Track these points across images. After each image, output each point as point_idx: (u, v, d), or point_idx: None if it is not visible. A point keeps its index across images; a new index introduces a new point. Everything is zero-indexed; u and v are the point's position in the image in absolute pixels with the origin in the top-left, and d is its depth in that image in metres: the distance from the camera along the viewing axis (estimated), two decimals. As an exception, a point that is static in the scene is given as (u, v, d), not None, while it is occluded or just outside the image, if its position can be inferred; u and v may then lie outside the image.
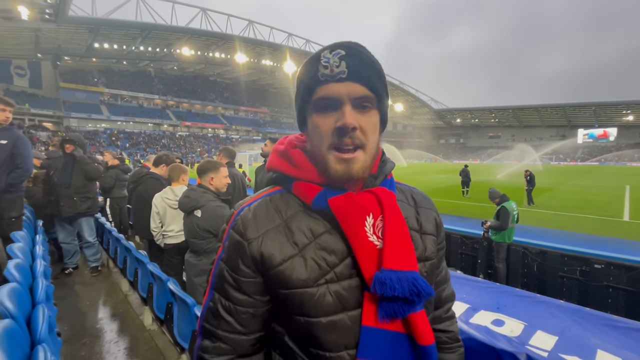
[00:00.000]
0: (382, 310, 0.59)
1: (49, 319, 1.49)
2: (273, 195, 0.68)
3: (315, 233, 0.62)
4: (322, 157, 0.61)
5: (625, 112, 55.13)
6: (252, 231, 0.62)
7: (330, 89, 0.58)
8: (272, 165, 0.71)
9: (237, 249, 0.62)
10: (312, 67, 0.60)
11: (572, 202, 12.51)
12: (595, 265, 3.92)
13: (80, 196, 4.11)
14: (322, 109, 0.60)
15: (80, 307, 3.41)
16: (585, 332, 2.24)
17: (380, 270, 0.58)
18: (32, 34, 30.42)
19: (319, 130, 0.60)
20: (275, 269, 0.60)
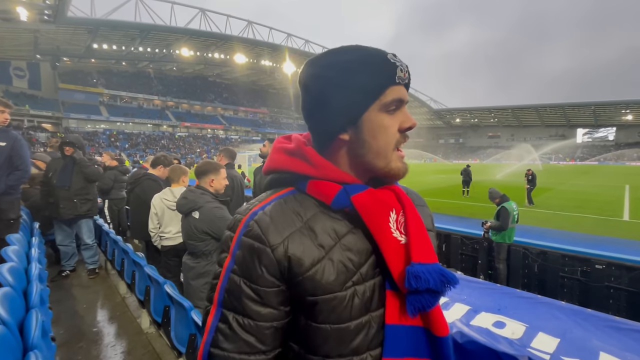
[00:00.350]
0: (410, 305, 0.58)
1: (42, 324, 1.46)
2: (287, 197, 0.63)
3: (340, 233, 0.60)
4: (386, 157, 0.61)
5: (625, 112, 55.22)
6: (274, 235, 0.57)
7: (402, 92, 0.61)
8: (280, 165, 0.66)
9: (258, 255, 0.57)
10: (389, 68, 0.59)
11: (572, 201, 12.51)
12: (596, 265, 3.90)
13: (80, 198, 4.10)
14: (390, 110, 0.60)
15: (77, 310, 3.37)
16: (587, 334, 2.22)
17: (410, 265, 0.58)
18: (31, 35, 30.40)
19: (388, 131, 0.60)
20: (305, 275, 0.57)
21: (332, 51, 0.62)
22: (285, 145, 0.67)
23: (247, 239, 0.58)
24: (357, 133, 0.61)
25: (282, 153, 0.67)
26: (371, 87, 0.59)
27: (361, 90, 0.59)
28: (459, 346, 1.91)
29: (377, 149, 0.61)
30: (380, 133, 0.60)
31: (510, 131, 70.84)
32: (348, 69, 0.59)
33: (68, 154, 4.08)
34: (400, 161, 0.62)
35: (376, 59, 0.60)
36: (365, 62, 0.59)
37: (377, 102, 0.59)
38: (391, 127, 0.60)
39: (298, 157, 0.64)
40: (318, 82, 0.62)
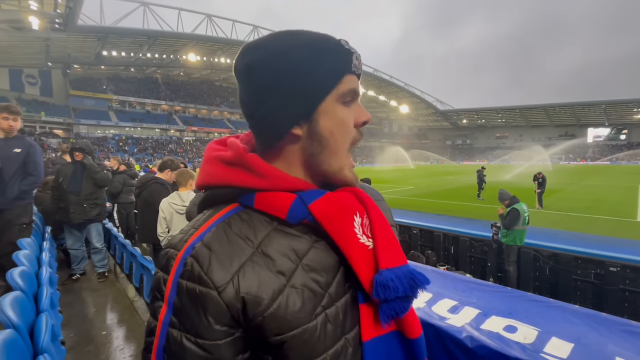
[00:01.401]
0: (382, 314, 0.52)
1: (52, 328, 1.48)
2: (230, 218, 0.52)
3: (300, 253, 0.51)
4: (339, 157, 0.54)
5: (637, 110, 54.10)
6: (219, 273, 0.46)
7: (356, 82, 0.55)
8: (218, 179, 0.54)
9: (202, 303, 0.46)
10: (343, 55, 0.53)
11: (584, 202, 12.27)
12: (611, 268, 3.80)
13: (89, 203, 4.18)
14: (347, 102, 0.54)
15: (86, 314, 3.41)
16: (602, 339, 2.16)
17: (378, 273, 0.52)
18: (42, 44, 31.15)
19: (345, 124, 0.53)
20: (265, 313, 0.47)
21: (276, 35, 0.54)
22: (220, 153, 0.55)
23: (185, 281, 0.47)
24: (311, 127, 0.52)
25: (217, 163, 0.55)
26: (327, 73, 0.52)
27: (317, 77, 0.51)
28: (469, 351, 1.87)
29: (334, 146, 0.53)
30: (338, 127, 0.53)
31: (518, 131, 69.97)
32: (299, 53, 0.51)
33: (78, 159, 4.16)
34: (351, 171, 0.56)
35: (329, 43, 0.53)
36: (318, 46, 0.52)
37: (334, 91, 0.52)
38: (349, 121, 0.54)
39: (239, 167, 0.53)
40: (265, 69, 0.52)
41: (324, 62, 0.51)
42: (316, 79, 0.51)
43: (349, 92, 0.53)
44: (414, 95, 64.52)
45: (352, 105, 0.55)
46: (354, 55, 0.54)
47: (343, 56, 0.53)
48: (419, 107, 70.47)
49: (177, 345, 0.47)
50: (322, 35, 0.54)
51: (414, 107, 70.01)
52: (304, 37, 0.53)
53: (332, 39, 0.54)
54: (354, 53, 0.54)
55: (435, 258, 5.46)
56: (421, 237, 5.84)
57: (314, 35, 0.54)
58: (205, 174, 0.56)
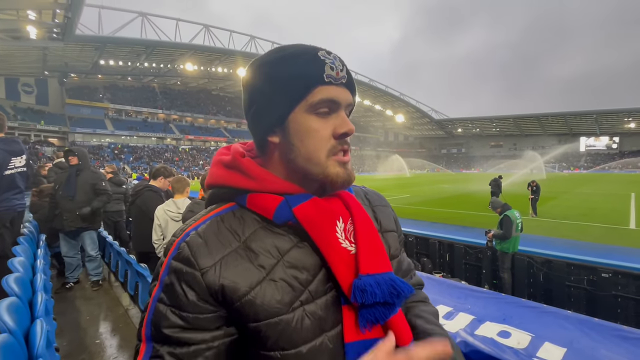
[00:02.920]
0: (362, 318, 0.54)
1: (47, 334, 1.48)
2: (224, 214, 0.58)
3: (282, 250, 0.55)
4: (318, 163, 0.56)
5: (627, 120, 55.10)
6: (205, 258, 0.51)
7: (333, 92, 0.55)
8: (218, 180, 0.61)
9: (186, 281, 0.51)
10: (315, 65, 0.54)
11: (577, 210, 12.39)
12: (603, 274, 3.85)
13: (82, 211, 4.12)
14: (322, 113, 0.55)
15: (80, 322, 3.37)
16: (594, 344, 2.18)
17: (358, 277, 0.54)
18: (39, 52, 31.20)
19: (317, 134, 0.55)
20: (242, 300, 0.51)
21: (271, 50, 0.59)
22: (223, 157, 0.63)
23: (175, 262, 0.52)
24: (285, 135, 0.57)
25: (220, 166, 0.62)
26: (296, 85, 0.54)
27: (286, 88, 0.55)
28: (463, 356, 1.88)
29: (305, 153, 0.56)
30: (308, 137, 0.55)
31: (512, 140, 70.81)
32: (275, 66, 0.56)
33: (72, 163, 4.13)
34: (339, 166, 0.56)
35: (304, 56, 0.55)
36: (293, 58, 0.55)
37: (302, 102, 0.55)
38: (321, 130, 0.55)
39: (235, 170, 0.60)
40: (250, 81, 0.58)
41: (293, 74, 0.55)
42: (285, 91, 0.55)
43: (321, 103, 0.55)
44: (409, 104, 65.24)
45: (331, 116, 0.56)
46: (328, 66, 0.55)
47: (314, 68, 0.54)
48: (414, 116, 71.20)
49: (162, 317, 0.52)
50: (300, 48, 0.57)
51: (409, 116, 70.71)
52: (281, 52, 0.57)
53: (309, 52, 0.56)
54: (327, 64, 0.55)
55: (431, 265, 5.48)
56: (417, 244, 5.86)
57: (291, 49, 0.57)
58: (210, 175, 0.63)
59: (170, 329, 0.51)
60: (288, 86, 0.55)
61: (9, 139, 2.91)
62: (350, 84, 0.59)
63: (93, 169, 4.46)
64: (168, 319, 0.51)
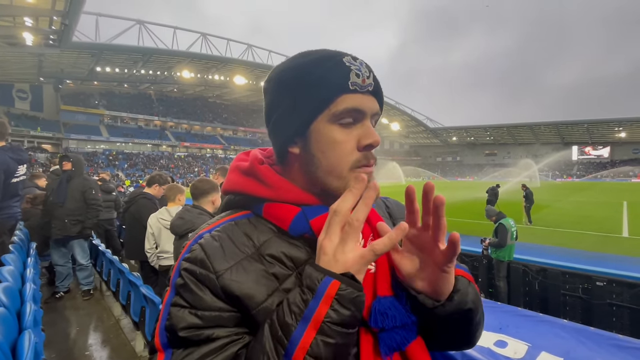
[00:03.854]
0: (383, 344, 0.50)
1: (35, 346, 1.44)
2: (239, 220, 0.56)
3: (297, 261, 0.52)
4: (339, 176, 0.52)
5: (618, 129, 56.12)
6: (219, 262, 0.49)
7: (359, 100, 0.52)
8: (235, 186, 0.59)
9: (202, 281, 0.49)
10: (339, 72, 0.51)
11: (571, 218, 12.49)
12: (597, 282, 3.86)
13: (71, 219, 4.03)
14: (345, 122, 0.52)
15: (69, 333, 3.29)
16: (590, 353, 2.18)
17: (376, 300, 0.51)
18: (35, 59, 31.10)
19: (340, 147, 0.52)
20: (258, 308, 0.49)
21: (295, 55, 0.56)
22: (240, 163, 0.60)
23: (188, 264, 0.50)
24: (306, 146, 0.54)
25: (237, 172, 0.60)
26: (319, 93, 0.51)
27: (308, 96, 0.52)
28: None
29: (327, 166, 0.52)
30: (330, 148, 0.52)
31: (506, 149, 71.61)
32: (298, 73, 0.53)
33: (65, 168, 4.06)
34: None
35: (329, 62, 0.52)
36: (316, 65, 0.52)
37: (325, 111, 0.51)
38: (345, 142, 0.52)
39: (252, 177, 0.57)
40: (271, 87, 0.56)
41: (316, 82, 0.51)
42: (307, 99, 0.52)
43: (345, 112, 0.51)
44: (404, 113, 65.90)
45: (356, 126, 0.53)
46: (353, 73, 0.51)
47: (339, 74, 0.51)
48: (409, 125, 71.84)
49: (178, 319, 0.48)
50: (325, 53, 0.54)
51: (404, 124, 71.32)
52: (305, 58, 0.54)
53: (334, 57, 0.53)
54: (353, 70, 0.51)
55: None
56: (413, 252, 5.85)
57: (315, 54, 0.54)
58: (227, 181, 0.61)
59: (188, 329, 0.48)
60: (310, 94, 0.52)
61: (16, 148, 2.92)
62: (378, 92, 0.55)
63: (86, 176, 4.39)
64: (184, 319, 0.48)
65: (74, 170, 4.12)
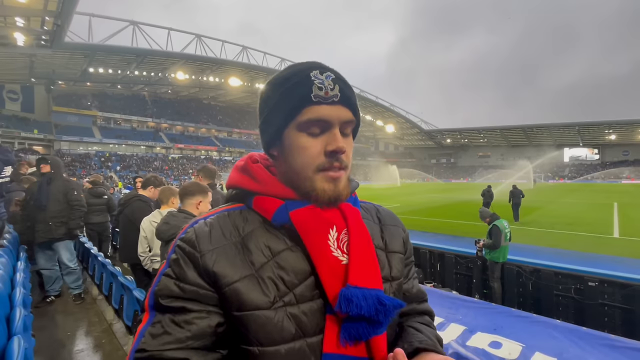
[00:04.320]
0: (345, 332, 0.55)
1: (25, 352, 1.41)
2: (232, 212, 0.64)
3: (274, 251, 0.58)
4: (306, 178, 0.59)
5: (608, 132, 57.07)
6: (205, 243, 0.57)
7: (322, 111, 0.58)
8: (232, 182, 0.68)
9: (189, 258, 0.56)
10: (303, 86, 0.58)
11: (563, 219, 12.65)
12: (589, 283, 3.91)
13: (55, 221, 3.96)
14: (311, 131, 0.58)
15: (60, 339, 3.23)
16: (583, 353, 2.20)
17: (345, 287, 0.55)
18: (26, 59, 30.66)
19: (306, 152, 0.59)
20: (229, 287, 0.54)
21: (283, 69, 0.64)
22: (239, 162, 0.70)
23: (182, 243, 0.59)
24: (281, 150, 0.62)
25: (235, 170, 0.69)
26: (287, 105, 0.59)
27: (279, 108, 0.60)
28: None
29: (295, 168, 0.60)
30: (297, 153, 0.59)
31: (500, 151, 72.35)
32: (274, 86, 0.62)
33: (44, 171, 3.98)
34: (326, 182, 0.59)
35: (297, 76, 0.59)
36: (287, 79, 0.60)
37: (293, 121, 0.59)
38: (310, 148, 0.58)
39: (246, 174, 0.66)
40: (260, 98, 0.65)
41: (284, 95, 0.59)
42: (278, 112, 0.60)
43: (310, 122, 0.58)
44: (399, 115, 66.26)
45: (324, 134, 0.59)
46: (315, 86, 0.57)
47: (303, 88, 0.57)
48: (404, 127, 72.24)
49: (167, 288, 0.56)
50: (295, 68, 0.61)
51: (399, 126, 71.71)
52: (282, 72, 0.63)
53: (302, 72, 0.59)
54: (316, 84, 0.57)
55: (422, 275, 5.48)
56: (408, 254, 5.86)
57: (289, 69, 0.62)
58: (229, 178, 0.70)
59: (171, 298, 0.55)
60: (281, 106, 0.60)
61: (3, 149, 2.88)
62: (347, 101, 0.60)
63: (66, 177, 4.33)
64: (170, 288, 0.56)
65: (53, 172, 4.04)
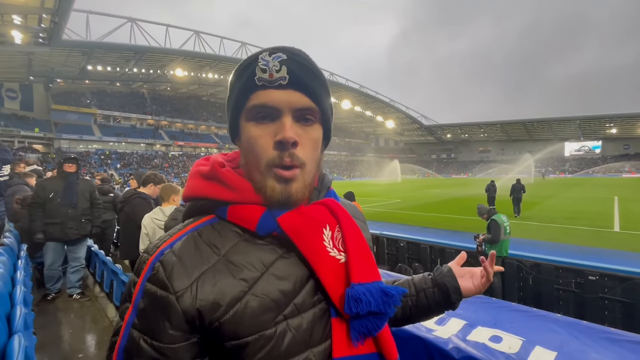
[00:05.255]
0: (354, 331, 0.52)
1: (25, 350, 1.41)
2: (202, 228, 0.54)
3: (266, 262, 0.52)
4: (258, 173, 0.53)
5: (609, 125, 56.87)
6: (180, 280, 0.48)
7: (267, 96, 0.51)
8: (197, 191, 0.57)
9: (160, 307, 0.47)
10: (248, 70, 0.52)
11: (564, 213, 12.65)
12: (590, 276, 3.91)
13: (85, 218, 4.17)
14: (258, 119, 0.52)
15: (62, 336, 3.25)
16: (584, 347, 2.20)
17: (350, 286, 0.52)
18: (24, 58, 30.55)
19: (255, 142, 0.52)
20: (222, 319, 0.48)
21: None
22: (201, 168, 0.59)
23: (150, 285, 0.49)
24: (240, 142, 0.57)
25: (198, 178, 0.58)
26: (237, 92, 0.53)
27: (231, 97, 0.55)
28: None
29: (251, 161, 0.54)
30: (249, 144, 0.53)
31: (500, 146, 72.22)
32: (234, 72, 0.56)
33: (70, 170, 4.09)
34: (276, 181, 0.51)
35: (248, 60, 0.53)
36: (241, 65, 0.54)
37: (244, 110, 0.53)
38: (259, 139, 0.52)
39: (214, 181, 0.56)
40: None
41: (233, 82, 0.55)
42: (231, 99, 0.56)
43: (255, 108, 0.52)
44: (399, 110, 66.05)
45: (275, 123, 0.52)
46: (259, 68, 0.50)
47: (247, 74, 0.52)
48: (404, 122, 72.06)
49: (135, 346, 0.48)
50: (251, 54, 0.54)
51: (399, 122, 71.51)
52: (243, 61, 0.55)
53: (253, 56, 0.52)
54: (259, 65, 0.50)
55: (423, 270, 5.48)
56: (408, 249, 5.87)
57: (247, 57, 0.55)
58: (188, 187, 0.60)
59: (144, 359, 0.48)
60: (232, 95, 0.55)
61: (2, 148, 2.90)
62: (298, 84, 0.51)
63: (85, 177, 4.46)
64: (141, 348, 0.48)
65: (77, 172, 4.21)
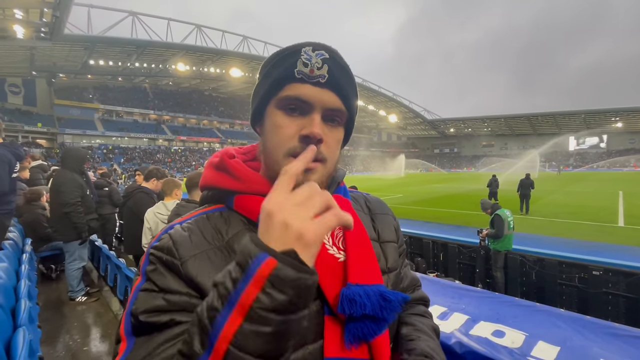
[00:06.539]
0: (348, 333, 0.50)
1: (29, 343, 1.42)
2: (211, 214, 0.57)
3: None
4: (276, 161, 0.53)
5: (614, 119, 56.22)
6: (185, 249, 0.50)
7: (303, 90, 0.52)
8: (208, 181, 0.61)
9: (168, 267, 0.49)
10: (288, 60, 0.52)
11: (568, 208, 12.58)
12: (594, 272, 3.89)
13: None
14: (288, 109, 0.53)
15: (67, 329, 3.29)
16: (587, 342, 2.20)
17: (346, 286, 0.51)
18: (27, 52, 30.55)
19: (280, 131, 0.53)
20: None
21: None
22: (213, 159, 0.62)
23: (156, 251, 0.51)
24: (262, 127, 0.58)
25: (210, 168, 0.62)
26: (270, 80, 0.54)
27: (264, 84, 0.56)
28: (458, 357, 1.88)
29: (270, 148, 0.55)
30: (273, 131, 0.54)
31: (503, 140, 71.71)
32: (268, 59, 0.56)
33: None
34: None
35: (288, 50, 0.53)
36: (276, 55, 0.55)
37: (275, 97, 0.54)
38: (285, 128, 0.53)
39: (222, 171, 0.59)
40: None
41: (270, 71, 0.55)
42: (263, 84, 0.56)
43: (289, 99, 0.53)
44: (402, 104, 65.59)
45: (303, 117, 0.53)
46: (301, 62, 0.51)
47: (288, 64, 0.52)
48: (407, 117, 71.63)
49: (145, 302, 0.47)
50: (290, 46, 0.54)
51: (402, 116, 71.10)
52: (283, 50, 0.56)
53: (294, 48, 0.53)
54: (302, 59, 0.51)
55: (425, 265, 5.49)
56: (410, 244, 5.87)
57: (284, 47, 0.56)
58: (202, 177, 0.63)
59: (150, 313, 0.46)
60: (266, 81, 0.56)
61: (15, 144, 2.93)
62: (335, 85, 0.53)
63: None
64: (149, 302, 0.47)
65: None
